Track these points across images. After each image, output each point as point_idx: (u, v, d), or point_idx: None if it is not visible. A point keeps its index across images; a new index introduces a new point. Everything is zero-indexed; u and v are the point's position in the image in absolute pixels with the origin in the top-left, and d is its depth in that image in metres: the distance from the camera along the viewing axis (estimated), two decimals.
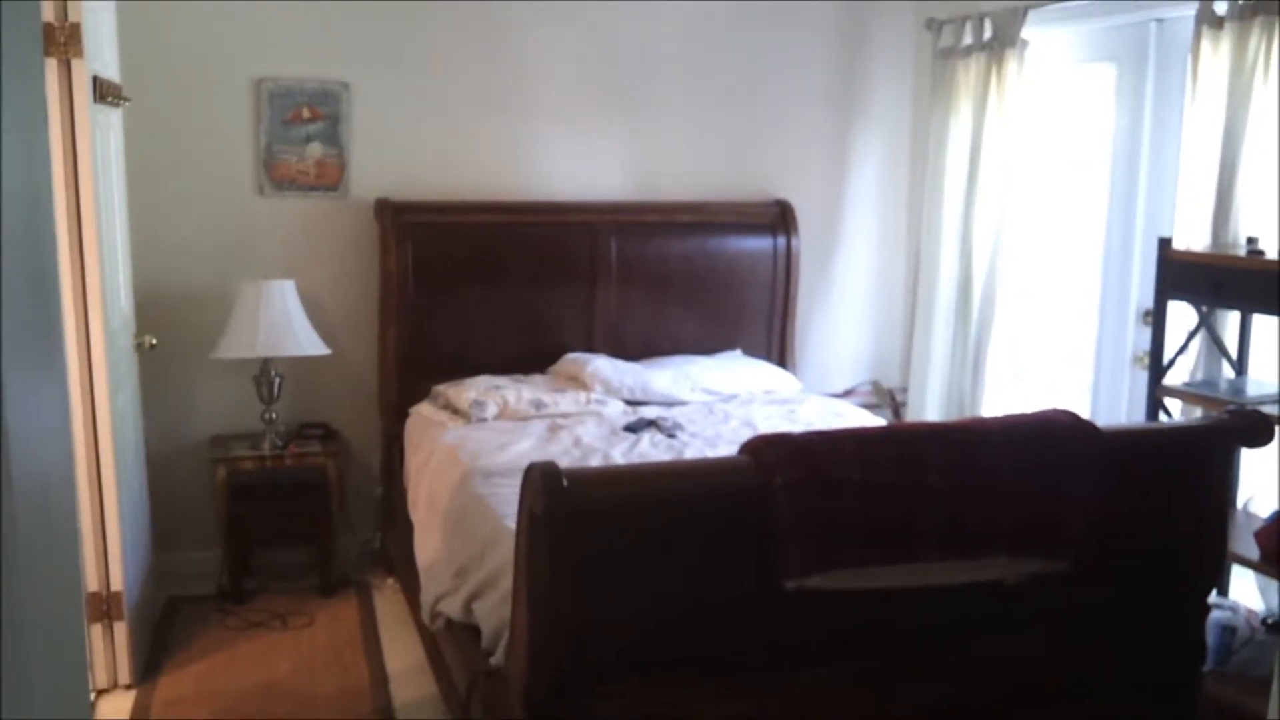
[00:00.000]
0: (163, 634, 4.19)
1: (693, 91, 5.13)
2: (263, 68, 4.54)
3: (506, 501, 3.37)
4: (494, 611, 2.98)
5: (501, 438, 4.10)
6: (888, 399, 5.53)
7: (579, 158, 4.99)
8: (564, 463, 3.79)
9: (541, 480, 2.27)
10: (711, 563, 2.40)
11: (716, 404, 4.66)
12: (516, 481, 3.47)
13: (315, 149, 4.63)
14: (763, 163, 5.30)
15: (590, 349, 4.90)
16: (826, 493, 2.41)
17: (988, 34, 4.65)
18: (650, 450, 4.00)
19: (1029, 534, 2.59)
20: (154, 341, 4.18)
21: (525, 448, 3.99)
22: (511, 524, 2.61)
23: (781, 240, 5.20)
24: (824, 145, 5.40)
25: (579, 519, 2.29)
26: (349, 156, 4.68)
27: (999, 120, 4.61)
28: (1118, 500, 2.70)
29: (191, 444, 4.65)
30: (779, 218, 5.22)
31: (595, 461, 3.83)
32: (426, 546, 3.77)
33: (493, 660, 2.88)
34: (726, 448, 3.98)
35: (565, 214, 4.89)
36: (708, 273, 5.12)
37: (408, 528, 4.09)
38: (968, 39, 4.79)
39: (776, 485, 2.39)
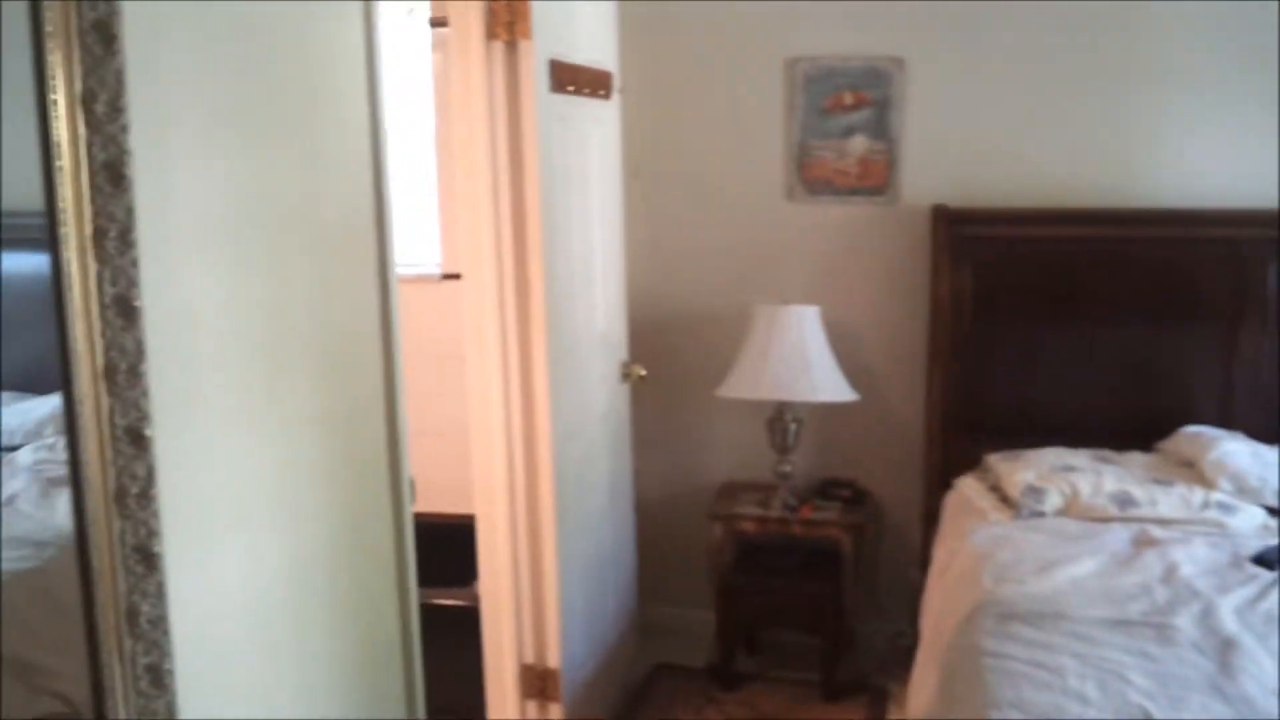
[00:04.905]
0: (635, 708, 3.60)
1: None
2: (798, 45, 3.70)
3: (1024, 676, 2.22)
4: None
5: (1055, 549, 2.87)
6: None
7: (1219, 149, 3.48)
8: (1139, 608, 2.54)
9: None
10: None
11: None
12: (1052, 634, 2.36)
13: (858, 143, 3.70)
14: None
15: (1223, 423, 3.39)
16: None
17: None
18: None
19: None
20: (643, 373, 3.58)
21: (1084, 572, 2.73)
22: None
23: None
24: None
25: None
26: (899, 152, 3.68)
27: None
28: None
29: (696, 490, 4.00)
30: None
31: (1186, 618, 2.46)
32: (918, 691, 2.71)
33: None
34: None
35: (1195, 226, 3.44)
36: None
37: None
38: None
39: None
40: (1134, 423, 3.47)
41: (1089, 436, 3.44)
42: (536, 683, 3.14)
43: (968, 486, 3.43)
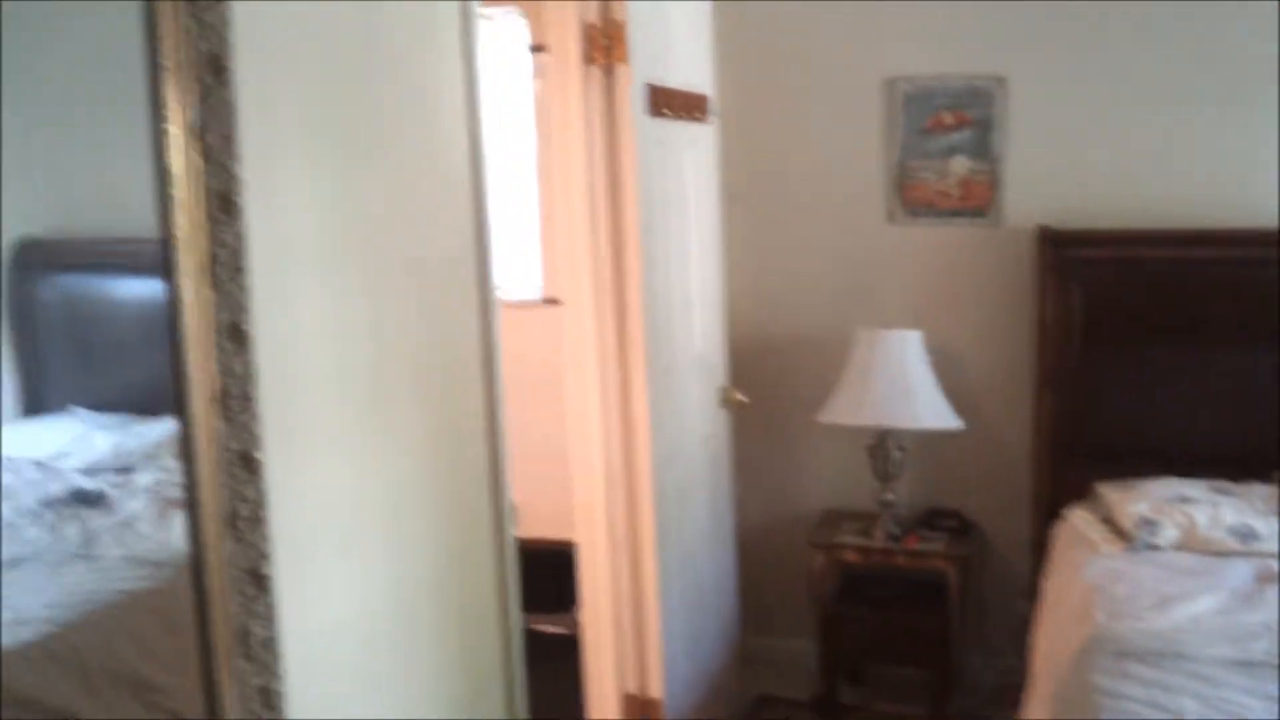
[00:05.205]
0: None
1: None
2: (897, 65, 3.65)
3: (1141, 717, 2.13)
4: None
5: (1171, 583, 2.76)
6: None
7: None
8: (1263, 647, 2.42)
9: None
10: None
11: None
12: (1171, 674, 2.27)
13: (960, 164, 3.63)
14: None
15: None
16: None
17: None
18: None
19: None
20: (742, 398, 3.54)
21: (1204, 608, 2.62)
22: None
23: None
24: None
25: None
26: (1002, 172, 3.60)
27: None
28: None
29: (796, 518, 3.93)
30: None
31: None
32: None
33: None
34: None
35: None
36: None
37: None
38: None
39: None
40: (1253, 452, 3.31)
41: (1204, 466, 3.29)
42: (638, 712, 3.11)
43: (1078, 517, 3.32)
